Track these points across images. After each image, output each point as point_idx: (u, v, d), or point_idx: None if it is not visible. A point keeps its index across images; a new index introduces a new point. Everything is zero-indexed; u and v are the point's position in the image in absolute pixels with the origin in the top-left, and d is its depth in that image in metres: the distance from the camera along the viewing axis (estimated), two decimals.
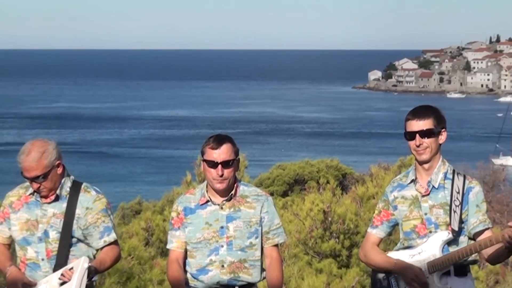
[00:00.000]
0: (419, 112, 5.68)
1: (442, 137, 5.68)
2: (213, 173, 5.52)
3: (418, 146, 5.63)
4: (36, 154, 5.49)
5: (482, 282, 10.70)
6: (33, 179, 5.50)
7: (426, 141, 5.62)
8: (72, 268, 5.48)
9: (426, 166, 5.69)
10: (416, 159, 5.73)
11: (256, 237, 5.65)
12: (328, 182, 11.96)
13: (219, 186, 5.57)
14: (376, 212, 5.93)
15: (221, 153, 5.52)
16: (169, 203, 13.08)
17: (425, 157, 5.65)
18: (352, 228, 10.53)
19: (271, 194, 21.00)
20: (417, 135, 5.61)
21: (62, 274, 5.49)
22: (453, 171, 5.71)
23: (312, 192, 11.61)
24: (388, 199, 5.83)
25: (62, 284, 5.49)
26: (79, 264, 5.47)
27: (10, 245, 5.75)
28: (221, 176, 5.51)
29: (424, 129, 5.61)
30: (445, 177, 5.68)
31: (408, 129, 5.67)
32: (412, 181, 5.75)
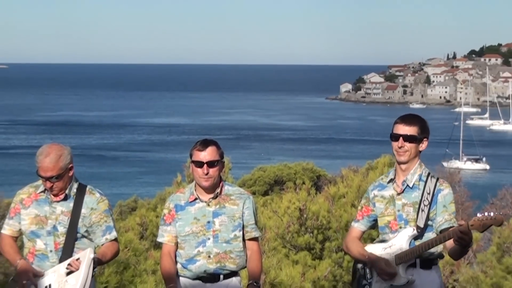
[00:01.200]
0: (408, 119, 5.74)
1: (423, 145, 5.73)
2: (199, 172, 5.59)
3: (399, 148, 5.67)
4: (54, 156, 5.52)
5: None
6: (48, 179, 5.52)
7: (408, 145, 5.66)
8: (78, 258, 5.49)
9: (403, 167, 5.73)
10: (396, 160, 5.77)
11: (240, 230, 5.70)
12: (303, 183, 11.94)
13: (205, 183, 5.62)
14: (359, 208, 5.99)
15: (207, 154, 5.59)
16: (161, 201, 13.04)
17: (403, 159, 5.69)
18: (325, 224, 10.52)
19: (253, 193, 21.07)
20: (401, 138, 5.66)
21: (69, 264, 5.49)
22: (428, 174, 5.74)
23: (290, 192, 11.59)
24: (369, 197, 5.88)
25: (69, 273, 5.49)
26: (85, 254, 5.49)
27: (18, 237, 5.75)
28: (207, 174, 5.58)
29: (408, 134, 5.66)
30: (420, 179, 5.71)
31: (395, 131, 5.71)
32: (391, 180, 5.80)
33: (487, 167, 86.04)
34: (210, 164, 5.58)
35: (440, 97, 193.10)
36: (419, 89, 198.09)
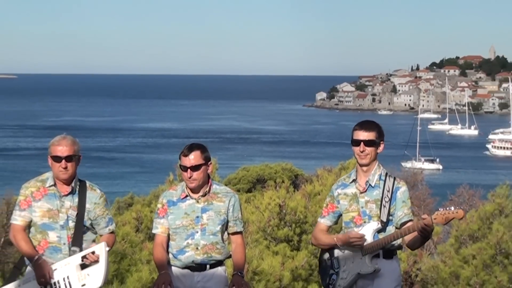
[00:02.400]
0: (366, 125, 5.77)
1: (381, 148, 5.77)
2: (185, 175, 5.64)
3: (361, 152, 5.70)
4: (70, 140, 5.60)
5: (404, 262, 10.73)
6: (64, 158, 5.51)
7: (368, 149, 5.69)
8: (94, 251, 5.43)
9: (365, 168, 5.77)
10: (357, 162, 5.79)
11: (225, 225, 5.74)
12: (283, 181, 11.94)
13: (190, 185, 5.67)
14: (324, 205, 6.00)
15: (191, 160, 5.61)
16: (155, 197, 13.01)
17: (365, 161, 5.73)
18: (302, 218, 10.51)
19: (238, 191, 21.05)
20: (362, 143, 5.69)
21: (85, 257, 5.44)
22: (386, 173, 5.79)
23: (270, 190, 11.56)
24: (334, 195, 5.91)
25: (83, 266, 5.42)
26: (102, 248, 5.46)
27: (26, 229, 5.62)
28: (190, 177, 5.61)
29: (368, 139, 5.69)
30: (380, 178, 5.75)
31: (355, 137, 5.74)
32: (353, 180, 5.82)
33: (440, 167, 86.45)
34: (193, 168, 5.60)
35: (405, 105, 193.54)
36: (387, 97, 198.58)
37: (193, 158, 5.62)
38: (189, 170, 5.60)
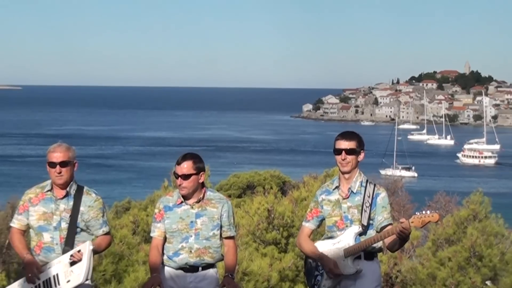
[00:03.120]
0: (347, 135, 5.79)
1: (361, 156, 5.78)
2: (177, 182, 5.68)
3: (343, 160, 5.71)
4: (64, 146, 5.68)
5: (385, 264, 10.75)
6: (58, 164, 5.58)
7: (349, 157, 5.71)
8: (80, 250, 5.49)
9: (346, 176, 5.77)
10: (340, 170, 5.81)
11: (218, 229, 5.72)
12: (271, 187, 11.95)
13: (180, 192, 5.70)
14: (309, 210, 6.00)
15: (182, 168, 5.63)
16: (151, 202, 12.93)
17: (346, 169, 5.74)
18: (289, 222, 10.52)
19: (229, 196, 21.01)
20: (343, 152, 5.70)
21: (71, 255, 5.50)
22: (367, 180, 5.81)
23: (259, 195, 11.58)
24: (318, 200, 5.91)
25: (72, 263, 5.49)
26: (85, 246, 5.51)
27: (25, 231, 5.73)
28: (180, 185, 5.64)
29: (349, 148, 5.70)
30: (361, 185, 5.76)
31: (337, 147, 5.75)
32: (336, 187, 5.83)
33: (416, 174, 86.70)
34: (184, 177, 5.62)
35: (386, 116, 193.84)
36: (369, 109, 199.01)
37: (185, 167, 5.64)
38: (180, 178, 5.64)
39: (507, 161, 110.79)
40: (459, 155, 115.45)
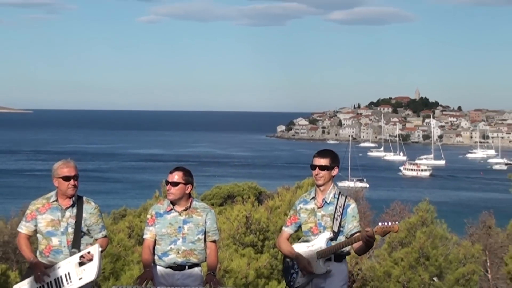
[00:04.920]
0: (322, 153, 5.81)
1: (334, 172, 5.78)
2: (167, 188, 5.72)
3: (317, 175, 5.74)
4: (73, 162, 5.72)
5: (347, 263, 10.79)
6: (73, 177, 5.61)
7: (322, 172, 5.72)
8: (89, 251, 5.50)
9: (321, 188, 5.79)
10: (315, 183, 5.84)
11: (202, 234, 5.74)
12: (249, 197, 11.90)
13: (168, 197, 5.73)
14: (288, 216, 6.02)
15: (173, 177, 5.69)
16: (144, 210, 12.87)
17: (320, 182, 5.76)
18: (265, 227, 10.51)
19: (212, 205, 20.97)
20: (317, 168, 5.73)
21: (82, 256, 5.50)
22: (339, 192, 5.82)
23: (239, 204, 11.57)
24: (296, 209, 5.92)
25: (81, 264, 5.49)
26: (95, 249, 5.52)
27: (31, 237, 5.73)
28: (169, 191, 5.68)
29: (322, 164, 5.73)
30: (334, 197, 5.77)
31: (313, 163, 5.77)
32: (313, 198, 5.85)
33: (367, 185, 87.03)
34: (173, 184, 5.67)
35: (349, 136, 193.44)
36: (334, 129, 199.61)
37: (175, 177, 5.69)
38: (169, 184, 5.68)
39: (440, 173, 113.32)
40: (401, 168, 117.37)
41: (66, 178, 5.62)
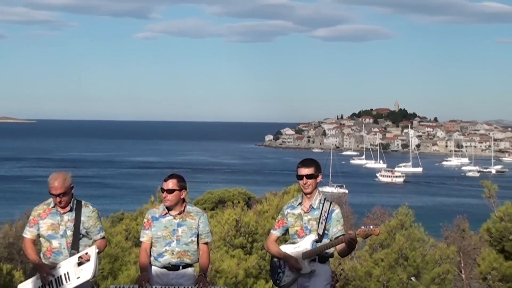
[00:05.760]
0: (306, 163, 5.82)
1: (319, 178, 5.81)
2: (163, 195, 5.72)
3: (304, 184, 5.75)
4: (61, 180, 5.61)
5: (331, 263, 10.81)
6: (57, 195, 5.59)
7: (309, 181, 5.74)
8: (87, 252, 5.52)
9: (308, 195, 5.81)
10: (303, 191, 5.84)
11: (195, 237, 5.75)
12: (239, 202, 11.93)
13: (165, 204, 5.73)
14: (277, 220, 6.03)
15: (168, 184, 5.68)
16: (140, 214, 12.82)
17: (308, 190, 5.78)
18: (254, 230, 10.52)
19: (204, 209, 20.91)
20: (304, 177, 5.74)
21: (80, 257, 5.52)
22: (325, 198, 5.85)
23: (229, 208, 11.57)
24: (284, 213, 5.94)
25: (79, 263, 5.51)
26: (92, 250, 5.54)
27: (35, 240, 5.76)
28: (165, 197, 5.68)
29: (308, 173, 5.74)
30: (320, 202, 5.79)
31: (299, 173, 5.77)
32: (300, 203, 5.86)
33: (347, 191, 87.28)
34: (168, 191, 5.67)
35: (333, 145, 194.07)
36: (318, 139, 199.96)
37: (170, 184, 5.69)
38: (165, 192, 5.68)
39: (414, 180, 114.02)
40: (378, 175, 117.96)
41: (52, 196, 5.66)
